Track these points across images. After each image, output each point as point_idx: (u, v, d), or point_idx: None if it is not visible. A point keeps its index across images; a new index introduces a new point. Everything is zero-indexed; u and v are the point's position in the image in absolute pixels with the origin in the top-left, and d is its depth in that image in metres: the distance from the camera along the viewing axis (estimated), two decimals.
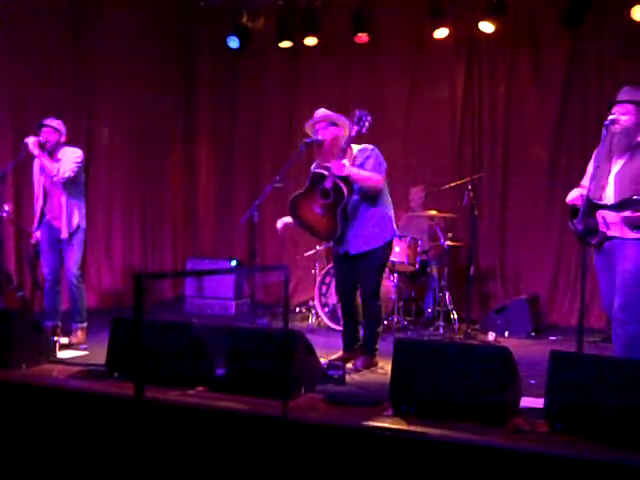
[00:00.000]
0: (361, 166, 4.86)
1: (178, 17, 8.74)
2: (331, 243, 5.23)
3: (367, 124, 4.75)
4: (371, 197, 4.91)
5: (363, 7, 7.89)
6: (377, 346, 5.07)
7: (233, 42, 8.46)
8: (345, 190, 4.78)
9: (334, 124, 4.95)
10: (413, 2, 7.80)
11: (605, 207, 4.10)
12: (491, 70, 7.81)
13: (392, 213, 5.08)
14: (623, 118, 4.13)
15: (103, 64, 7.86)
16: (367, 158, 4.88)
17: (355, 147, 4.97)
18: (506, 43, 7.67)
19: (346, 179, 4.78)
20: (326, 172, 4.82)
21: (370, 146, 4.98)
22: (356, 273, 5.06)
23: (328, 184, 4.81)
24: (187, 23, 8.89)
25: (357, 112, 4.75)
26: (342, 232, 4.92)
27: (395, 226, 5.11)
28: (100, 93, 7.91)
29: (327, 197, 4.85)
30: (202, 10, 8.75)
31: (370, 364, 4.99)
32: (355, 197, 4.88)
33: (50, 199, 5.77)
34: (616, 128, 4.13)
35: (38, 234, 5.85)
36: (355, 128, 4.75)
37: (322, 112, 5.02)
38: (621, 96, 4.20)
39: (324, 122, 4.96)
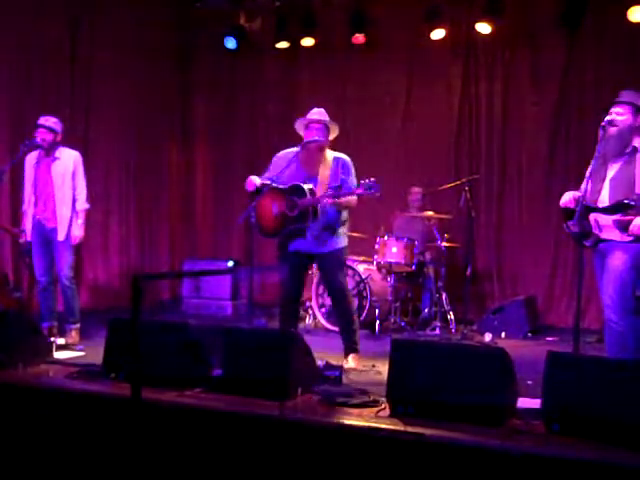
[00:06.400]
0: (336, 175, 4.92)
1: (176, 18, 8.73)
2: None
3: (371, 195, 4.71)
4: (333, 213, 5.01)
5: (360, 8, 7.89)
6: (358, 340, 5.15)
7: (230, 43, 8.46)
8: (310, 218, 4.86)
9: (328, 129, 4.98)
10: (410, 3, 7.81)
11: (597, 210, 4.13)
12: (488, 71, 7.82)
13: (346, 228, 5.18)
14: (619, 118, 4.15)
15: (100, 64, 7.87)
16: (346, 171, 4.93)
17: (330, 153, 5.00)
18: (503, 44, 7.69)
19: (317, 211, 4.86)
20: (308, 193, 4.85)
21: (347, 158, 5.02)
22: (305, 275, 5.24)
23: (301, 203, 4.86)
24: (184, 24, 8.89)
25: (371, 181, 4.68)
26: (290, 238, 5.01)
27: (346, 239, 5.16)
28: (97, 93, 7.91)
29: (292, 210, 4.92)
30: (199, 11, 8.75)
31: (360, 360, 5.06)
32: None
33: (42, 199, 5.73)
34: (612, 131, 4.14)
35: (28, 234, 5.81)
36: (359, 190, 4.73)
37: (321, 112, 5.03)
38: (620, 97, 4.22)
39: (322, 124, 4.97)
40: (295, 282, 5.15)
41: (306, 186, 4.90)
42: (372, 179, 4.69)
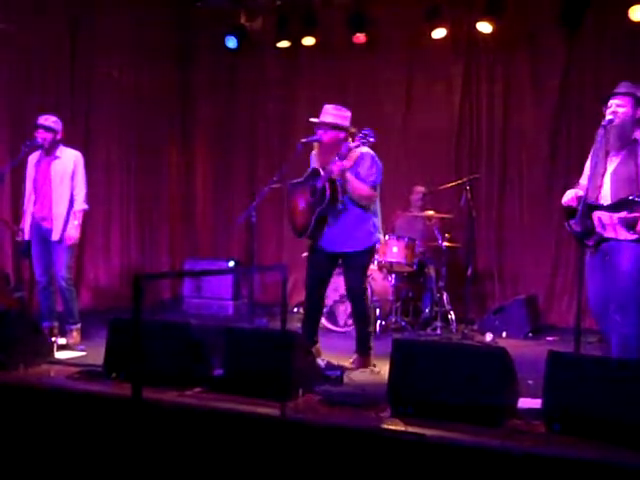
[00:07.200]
0: (355, 167, 4.89)
1: (176, 18, 8.72)
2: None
3: (367, 143, 4.78)
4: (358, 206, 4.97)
5: (361, 7, 7.88)
6: (371, 344, 5.10)
7: (231, 42, 8.45)
8: (327, 195, 4.82)
9: (335, 128, 4.95)
10: (411, 2, 7.80)
11: (601, 208, 4.10)
12: (489, 70, 7.81)
13: (378, 222, 5.12)
14: (620, 110, 4.12)
15: (101, 64, 7.86)
16: (362, 160, 4.87)
17: (357, 148, 4.97)
18: (504, 43, 7.66)
19: (335, 186, 4.81)
20: (322, 171, 4.85)
21: (371, 152, 4.97)
22: (330, 273, 5.20)
23: (319, 183, 4.87)
24: (185, 23, 8.87)
25: (365, 130, 4.74)
26: (319, 229, 4.97)
27: (379, 235, 5.14)
28: (98, 93, 7.90)
29: (313, 195, 4.91)
30: (200, 10, 8.74)
31: (366, 363, 5.01)
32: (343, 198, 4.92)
33: (40, 198, 5.71)
34: (614, 123, 4.11)
35: (26, 234, 5.78)
36: (356, 142, 4.78)
37: (329, 111, 4.99)
38: (619, 89, 4.20)
39: (324, 124, 4.96)
40: (316, 281, 5.14)
41: (322, 167, 4.90)
42: (365, 128, 4.73)
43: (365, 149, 4.97)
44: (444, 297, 6.91)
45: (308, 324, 5.18)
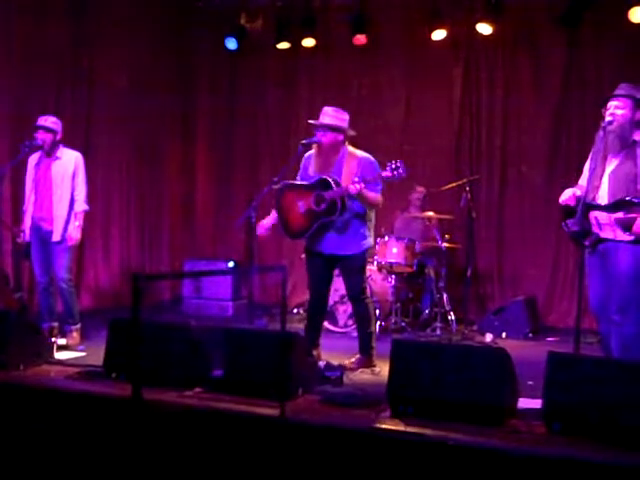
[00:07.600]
0: (362, 172, 4.88)
1: (176, 18, 8.72)
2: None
3: (398, 176, 4.74)
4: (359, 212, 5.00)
5: (361, 9, 7.88)
6: (373, 344, 5.10)
7: (231, 43, 8.45)
8: (338, 210, 4.83)
9: (333, 129, 4.95)
10: (411, 3, 7.81)
11: (598, 208, 4.10)
12: (489, 71, 7.81)
13: (372, 227, 5.16)
14: (619, 112, 4.12)
15: (101, 65, 7.86)
16: (370, 172, 4.87)
17: (357, 152, 4.98)
18: (504, 45, 7.68)
19: (344, 201, 4.82)
20: (334, 185, 4.83)
21: (373, 159, 4.98)
22: (331, 275, 5.22)
23: (328, 195, 4.83)
24: (185, 24, 8.87)
25: (398, 162, 4.72)
26: (318, 234, 4.98)
27: (371, 240, 5.17)
28: (98, 94, 7.89)
29: (319, 205, 4.88)
30: (200, 11, 8.75)
31: (368, 364, 5.01)
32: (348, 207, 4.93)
33: (40, 199, 5.70)
34: (612, 126, 4.11)
35: (27, 234, 5.77)
36: (387, 173, 4.73)
37: (328, 113, 4.99)
38: (618, 91, 4.20)
39: (324, 126, 4.96)
40: (319, 284, 5.15)
41: (331, 178, 4.88)
42: (397, 161, 4.70)
43: (365, 154, 5.00)
44: (444, 298, 6.91)
45: (311, 327, 5.20)
